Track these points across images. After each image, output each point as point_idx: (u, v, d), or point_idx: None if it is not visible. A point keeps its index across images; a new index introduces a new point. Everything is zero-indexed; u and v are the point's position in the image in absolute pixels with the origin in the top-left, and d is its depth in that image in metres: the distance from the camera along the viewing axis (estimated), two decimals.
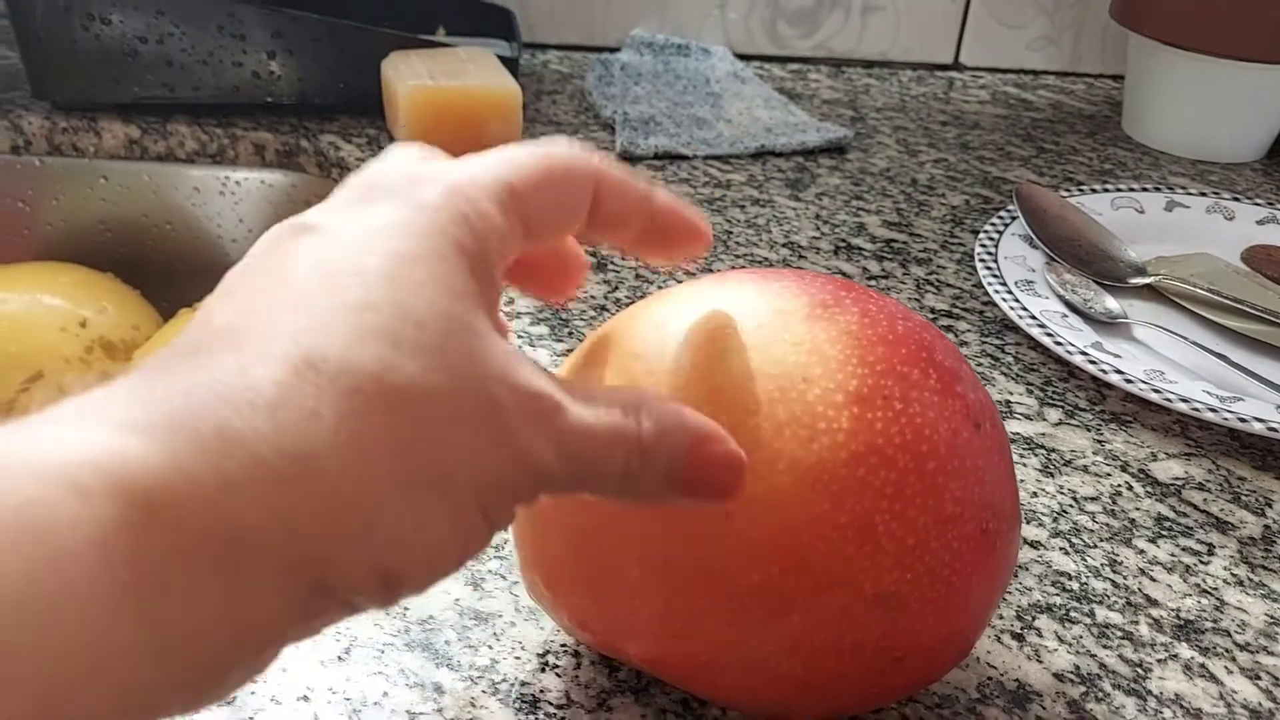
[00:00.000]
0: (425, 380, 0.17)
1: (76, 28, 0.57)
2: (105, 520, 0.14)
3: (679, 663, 0.26)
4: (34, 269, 0.59)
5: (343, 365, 0.17)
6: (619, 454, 0.20)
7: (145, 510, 0.15)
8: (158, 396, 0.16)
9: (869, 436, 0.23)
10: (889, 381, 0.24)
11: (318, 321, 0.17)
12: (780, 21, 0.79)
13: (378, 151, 0.60)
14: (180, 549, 0.15)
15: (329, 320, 0.17)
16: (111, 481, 0.15)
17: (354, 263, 0.18)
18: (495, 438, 0.18)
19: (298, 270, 0.18)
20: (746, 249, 0.53)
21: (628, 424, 0.21)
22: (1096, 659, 0.31)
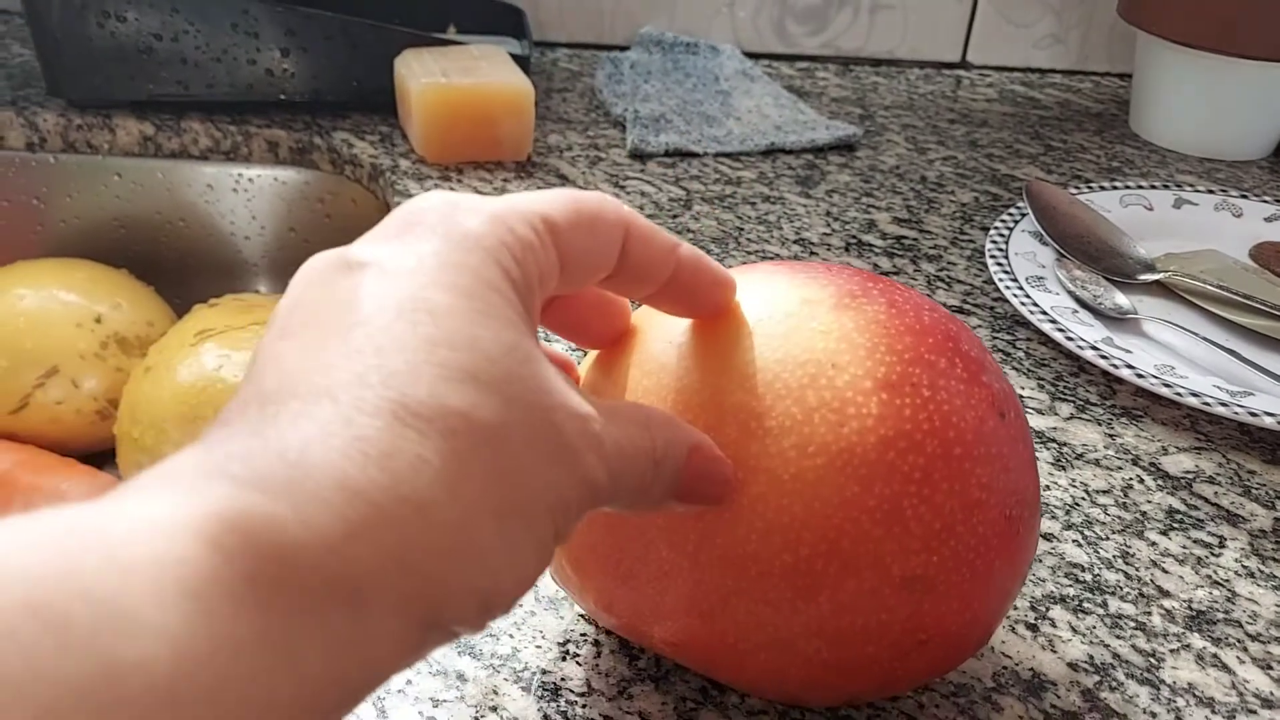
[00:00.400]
0: (505, 414, 0.18)
1: (92, 25, 0.58)
2: (245, 574, 0.15)
3: (705, 644, 0.26)
4: (49, 265, 0.59)
5: (437, 409, 0.18)
6: (642, 468, 0.22)
7: (278, 564, 0.15)
8: (271, 450, 0.17)
9: (897, 422, 0.24)
10: (917, 369, 0.24)
11: (400, 364, 0.18)
12: (789, 20, 0.79)
13: (390, 149, 0.60)
14: (311, 599, 0.16)
15: (411, 361, 0.18)
16: (245, 539, 0.15)
17: (418, 298, 0.19)
18: (562, 461, 0.19)
19: (363, 309, 0.18)
20: (758, 245, 0.54)
21: (645, 438, 0.22)
22: (1110, 649, 0.32)
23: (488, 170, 0.58)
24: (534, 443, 0.19)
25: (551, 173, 0.59)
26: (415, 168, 0.58)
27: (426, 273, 0.19)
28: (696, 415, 0.25)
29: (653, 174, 0.60)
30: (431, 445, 0.17)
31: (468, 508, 0.18)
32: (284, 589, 0.15)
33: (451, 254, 0.19)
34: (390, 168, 0.58)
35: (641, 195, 0.58)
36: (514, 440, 0.18)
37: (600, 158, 0.61)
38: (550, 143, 0.63)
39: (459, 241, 0.20)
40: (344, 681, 0.17)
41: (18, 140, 0.62)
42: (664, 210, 0.56)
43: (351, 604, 0.16)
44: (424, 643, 0.18)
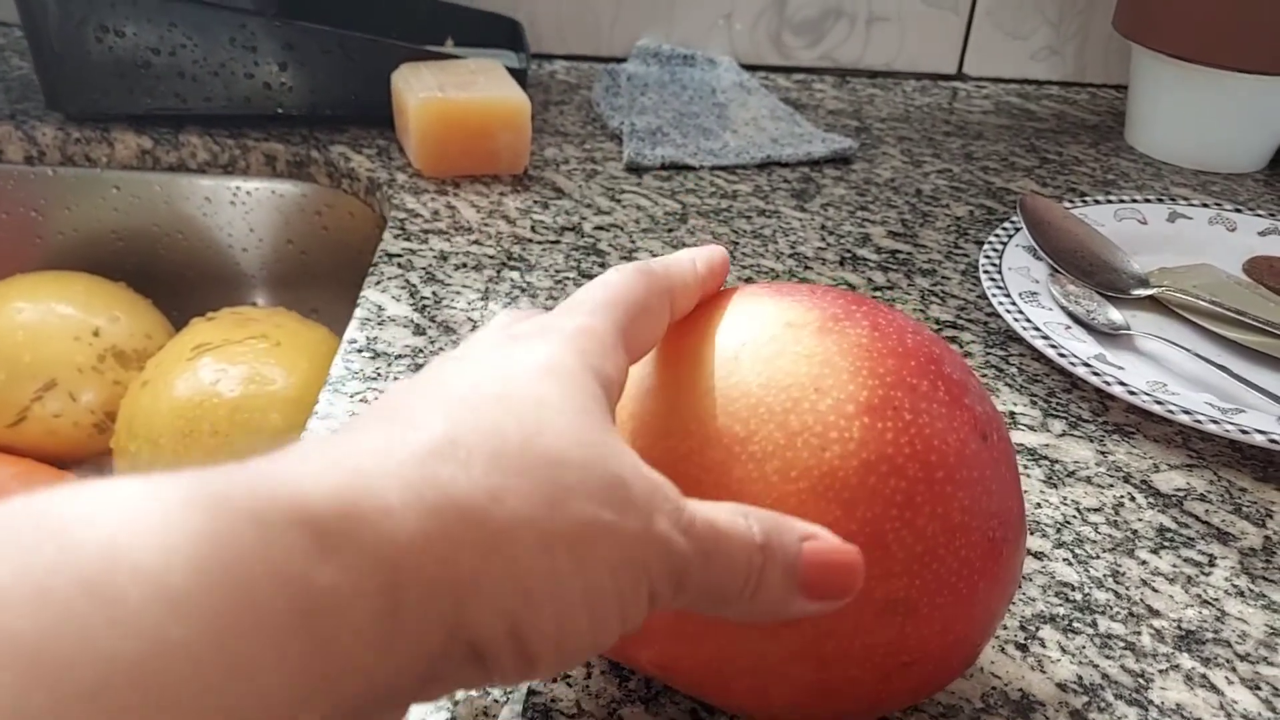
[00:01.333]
0: (560, 446, 0.20)
1: (90, 40, 0.58)
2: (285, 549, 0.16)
3: (691, 668, 0.26)
4: (47, 278, 0.59)
5: (486, 434, 0.19)
6: (743, 554, 0.21)
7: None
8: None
9: (879, 446, 0.24)
10: (899, 393, 0.24)
11: (467, 407, 0.20)
12: (785, 32, 0.80)
13: (388, 162, 0.60)
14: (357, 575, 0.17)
15: (477, 406, 0.20)
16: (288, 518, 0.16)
17: (500, 380, 0.21)
18: (627, 512, 0.20)
19: (454, 385, 0.21)
20: (753, 259, 0.54)
21: (741, 523, 0.22)
22: (1099, 669, 0.32)
23: (484, 184, 0.59)
24: (590, 484, 0.20)
25: (548, 186, 0.59)
26: (412, 181, 0.58)
27: (511, 365, 0.22)
28: (680, 439, 0.25)
29: (649, 187, 0.60)
30: (478, 461, 0.19)
31: (509, 515, 0.18)
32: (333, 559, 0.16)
33: (548, 353, 0.22)
34: (387, 181, 0.58)
35: (637, 209, 0.58)
36: (568, 475, 0.19)
37: (597, 171, 0.62)
38: (547, 156, 0.63)
39: (556, 346, 0.22)
40: (368, 676, 0.17)
41: (16, 153, 0.62)
42: (659, 224, 0.56)
43: (387, 591, 0.17)
44: (448, 655, 0.18)
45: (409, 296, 0.48)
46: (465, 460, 0.19)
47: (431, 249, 0.52)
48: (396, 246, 0.52)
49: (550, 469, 0.19)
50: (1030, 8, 0.80)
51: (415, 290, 0.49)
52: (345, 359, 0.43)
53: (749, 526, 0.22)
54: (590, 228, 0.55)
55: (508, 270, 0.51)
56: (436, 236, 0.53)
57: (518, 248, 0.53)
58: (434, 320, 0.46)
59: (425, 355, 0.44)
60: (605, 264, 0.52)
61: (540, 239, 0.54)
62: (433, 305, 0.47)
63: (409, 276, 0.50)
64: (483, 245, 0.53)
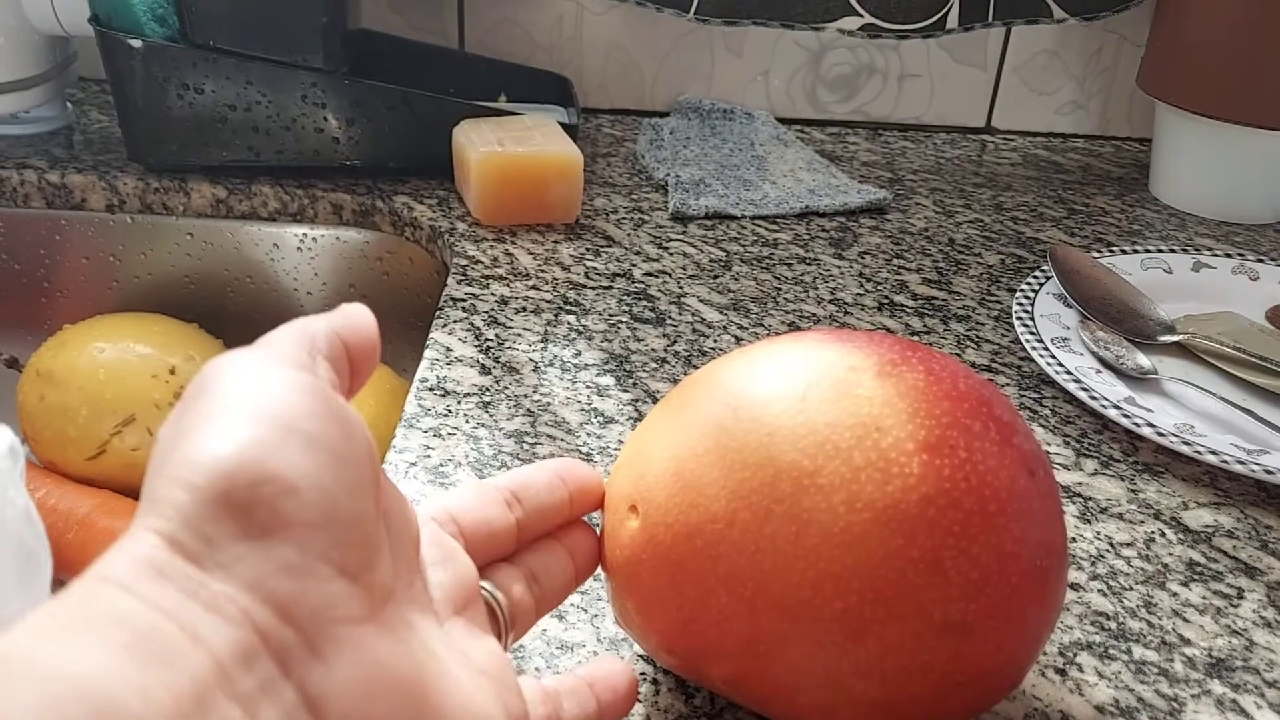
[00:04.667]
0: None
1: (172, 96, 0.62)
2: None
3: (761, 684, 0.29)
4: (126, 320, 0.63)
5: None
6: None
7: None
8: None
9: (937, 481, 0.26)
10: (954, 433, 0.27)
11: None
12: (820, 88, 0.83)
13: (448, 211, 0.64)
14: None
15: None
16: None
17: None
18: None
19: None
20: (795, 305, 0.57)
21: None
22: (1134, 693, 0.34)
23: (539, 232, 0.62)
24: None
25: (599, 234, 0.62)
26: (471, 229, 0.62)
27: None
28: (754, 472, 0.28)
29: (694, 236, 0.64)
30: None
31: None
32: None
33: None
34: (448, 230, 0.62)
35: (684, 256, 0.61)
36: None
37: (644, 220, 0.65)
38: (597, 205, 0.66)
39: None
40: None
41: (99, 202, 0.66)
42: (705, 270, 0.59)
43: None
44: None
45: (474, 338, 0.51)
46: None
47: (492, 294, 0.55)
48: (460, 291, 0.55)
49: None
50: (1056, 64, 0.84)
51: (479, 332, 0.52)
52: (418, 397, 0.46)
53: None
54: (640, 274, 0.59)
55: (564, 314, 0.54)
56: (497, 282, 0.56)
57: (573, 293, 0.56)
58: (498, 361, 0.49)
59: (491, 394, 0.47)
60: (655, 308, 0.55)
61: (593, 284, 0.57)
62: (496, 347, 0.50)
63: (473, 320, 0.53)
64: (540, 290, 0.56)
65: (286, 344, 0.23)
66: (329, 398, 0.22)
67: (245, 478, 0.19)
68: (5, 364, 0.67)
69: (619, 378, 0.49)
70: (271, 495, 0.19)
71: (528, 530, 0.30)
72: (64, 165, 0.67)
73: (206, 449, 0.19)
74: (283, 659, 0.19)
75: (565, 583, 0.31)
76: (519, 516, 0.30)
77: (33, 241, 0.67)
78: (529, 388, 0.48)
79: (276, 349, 0.22)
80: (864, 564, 0.26)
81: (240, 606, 0.19)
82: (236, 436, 0.20)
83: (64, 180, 0.66)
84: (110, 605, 0.18)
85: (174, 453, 0.20)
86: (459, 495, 0.30)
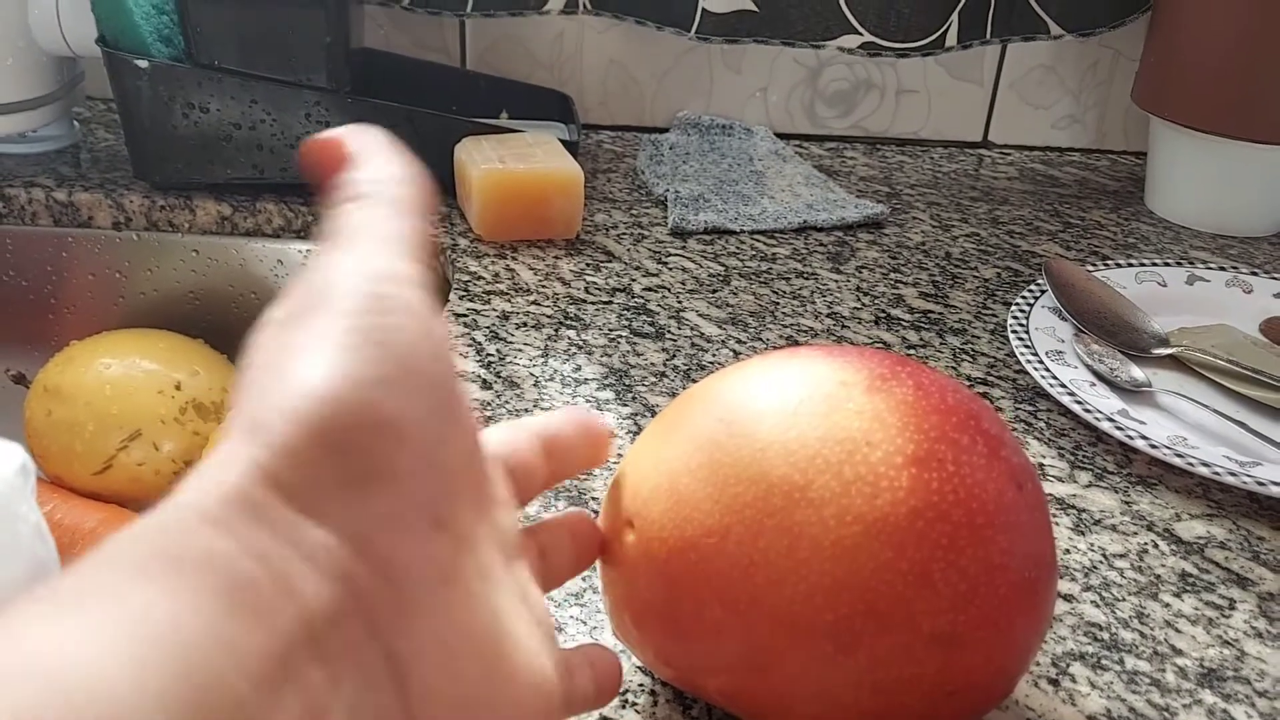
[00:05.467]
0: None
1: (178, 115, 0.63)
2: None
3: (755, 695, 0.29)
4: (132, 336, 0.64)
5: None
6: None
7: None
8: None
9: (926, 494, 0.27)
10: (942, 446, 0.28)
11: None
12: (818, 103, 0.84)
13: (450, 228, 0.65)
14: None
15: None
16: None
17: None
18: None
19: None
20: (793, 319, 0.57)
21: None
22: (1126, 703, 0.34)
23: (540, 248, 0.63)
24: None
25: (599, 249, 0.63)
26: (473, 245, 0.63)
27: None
28: (746, 487, 0.28)
29: (693, 251, 0.64)
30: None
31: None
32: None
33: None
34: (450, 245, 0.63)
35: (683, 271, 0.62)
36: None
37: (644, 235, 0.66)
38: (597, 221, 0.67)
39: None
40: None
41: (105, 220, 0.67)
42: (704, 285, 0.60)
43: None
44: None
45: (475, 354, 0.52)
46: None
47: (494, 309, 0.56)
48: (462, 307, 0.56)
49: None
50: (1052, 79, 0.84)
51: (481, 348, 0.52)
52: None
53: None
54: (640, 289, 0.59)
55: (565, 329, 0.54)
56: (498, 297, 0.57)
57: (573, 308, 0.57)
58: (499, 376, 0.50)
59: (493, 408, 0.47)
60: (654, 323, 0.56)
61: (594, 299, 0.58)
62: (498, 362, 0.51)
63: (475, 335, 0.53)
64: (541, 305, 0.57)
65: (392, 250, 0.21)
66: (444, 325, 0.20)
67: (358, 418, 0.18)
68: (13, 380, 0.68)
69: (619, 392, 0.50)
70: (383, 441, 0.18)
71: (548, 481, 0.30)
72: (71, 183, 0.68)
73: (318, 380, 0.18)
74: (371, 619, 0.18)
75: (567, 565, 0.30)
76: (550, 468, 0.29)
77: (40, 259, 0.68)
78: (530, 402, 0.48)
79: (383, 258, 0.20)
80: (854, 576, 0.27)
81: (336, 559, 0.17)
82: (351, 371, 0.18)
83: (71, 198, 0.67)
84: (203, 545, 0.16)
85: (280, 376, 0.18)
86: (507, 438, 0.28)
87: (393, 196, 0.22)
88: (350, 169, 0.22)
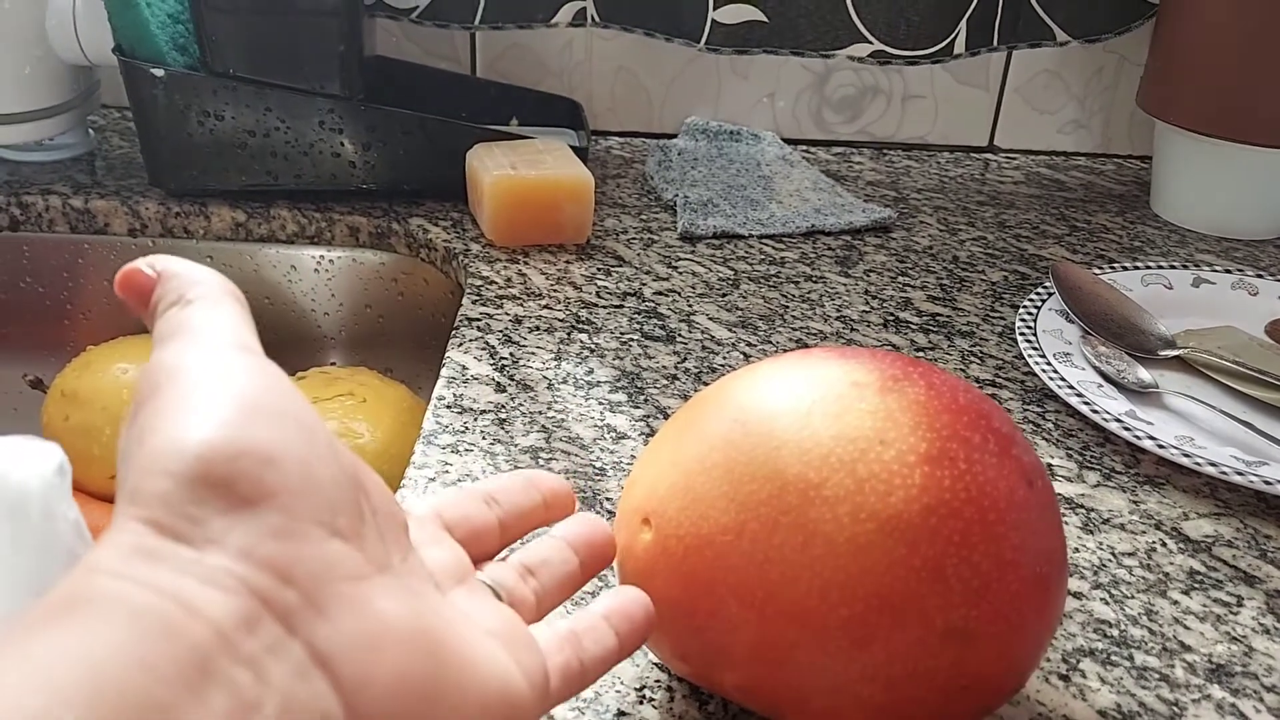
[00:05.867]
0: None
1: (193, 123, 0.64)
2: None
3: (771, 690, 0.30)
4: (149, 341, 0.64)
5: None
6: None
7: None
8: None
9: (938, 492, 0.27)
10: (954, 445, 0.28)
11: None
12: (825, 109, 0.85)
13: (462, 233, 0.65)
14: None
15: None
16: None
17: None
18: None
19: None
20: (802, 322, 0.58)
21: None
22: (1136, 698, 0.35)
23: (551, 253, 0.63)
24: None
25: (609, 254, 0.64)
26: (485, 250, 0.63)
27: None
28: (761, 485, 0.29)
29: (702, 255, 0.65)
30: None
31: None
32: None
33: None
34: (463, 251, 0.63)
35: (693, 275, 0.62)
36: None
37: (653, 240, 0.66)
38: (607, 226, 0.68)
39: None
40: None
41: (121, 226, 0.68)
42: (714, 289, 0.61)
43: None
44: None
45: (489, 357, 0.52)
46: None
47: (507, 313, 0.57)
48: (475, 311, 0.57)
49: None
50: (1057, 84, 0.85)
51: (494, 351, 0.53)
52: (435, 414, 0.47)
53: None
54: (650, 293, 0.60)
55: (577, 332, 0.55)
56: (510, 302, 0.58)
57: (585, 311, 0.57)
58: (513, 379, 0.51)
59: (506, 410, 0.48)
60: (665, 326, 0.56)
61: (605, 303, 0.58)
62: (511, 365, 0.52)
63: (488, 339, 0.54)
64: (553, 309, 0.57)
65: (219, 327, 0.23)
66: (280, 374, 0.22)
67: (222, 455, 0.20)
68: (30, 385, 0.69)
69: (631, 394, 0.50)
70: (251, 467, 0.20)
71: (510, 529, 0.31)
72: (87, 191, 0.68)
73: (179, 435, 0.20)
74: (287, 619, 0.20)
75: (568, 574, 0.30)
76: (499, 515, 0.31)
77: (57, 265, 0.69)
78: (543, 404, 0.49)
79: (212, 334, 0.22)
80: (869, 572, 0.27)
81: (236, 576, 0.19)
82: (206, 420, 0.20)
83: (87, 205, 0.67)
84: (103, 589, 0.18)
85: (144, 446, 0.20)
86: (440, 497, 0.31)
87: (208, 294, 0.24)
88: (161, 284, 0.24)
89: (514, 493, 0.31)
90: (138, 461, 0.20)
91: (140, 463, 0.20)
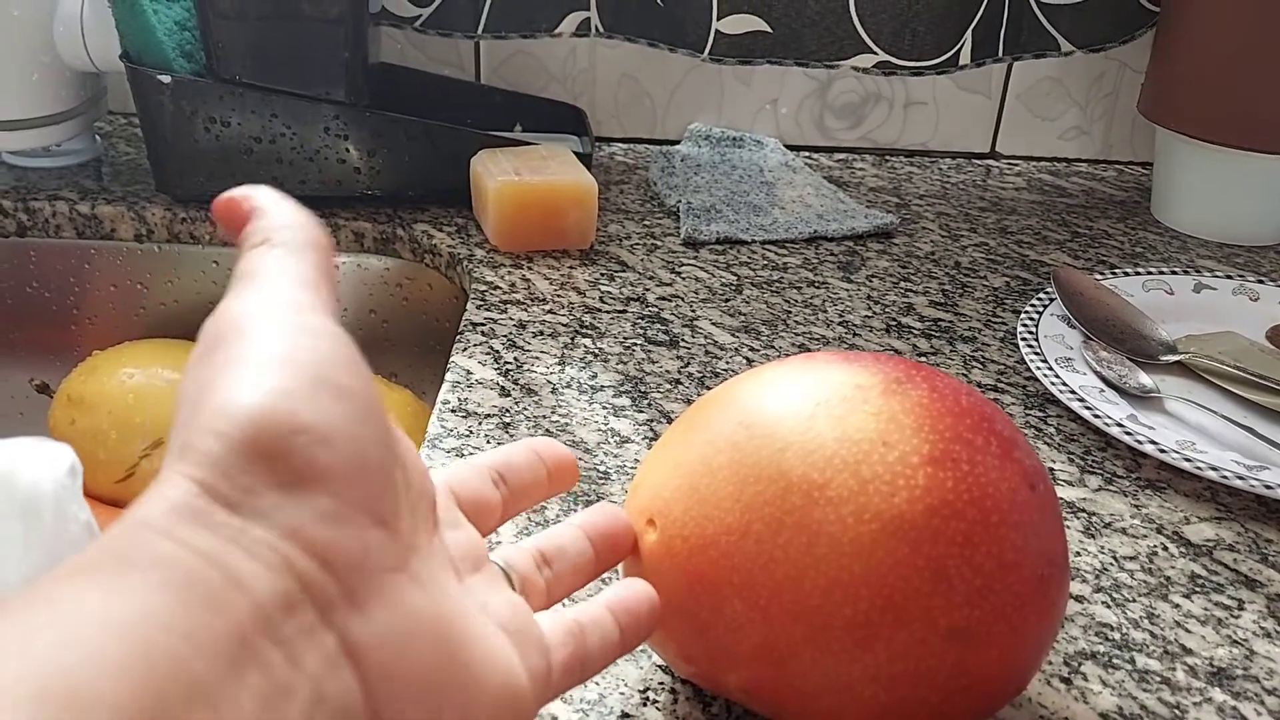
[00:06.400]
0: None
1: (200, 129, 0.64)
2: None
3: (775, 690, 0.30)
4: (154, 345, 0.65)
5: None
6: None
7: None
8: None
9: (941, 493, 0.28)
10: (957, 447, 0.28)
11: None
12: (827, 115, 0.85)
13: (467, 239, 0.66)
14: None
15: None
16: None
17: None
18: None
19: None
20: (805, 328, 0.58)
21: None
22: (1137, 701, 0.35)
23: (555, 258, 0.64)
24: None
25: (613, 260, 0.64)
26: (489, 256, 0.64)
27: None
28: (766, 486, 0.29)
29: (705, 260, 0.65)
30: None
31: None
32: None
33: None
34: (467, 256, 0.64)
35: (696, 280, 0.62)
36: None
37: (657, 245, 0.67)
38: (610, 231, 0.68)
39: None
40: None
41: (127, 232, 0.68)
42: (717, 294, 0.61)
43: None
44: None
45: (494, 361, 0.53)
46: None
47: (511, 318, 0.57)
48: (479, 316, 0.57)
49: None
50: (1058, 91, 0.85)
51: (499, 356, 0.53)
52: (440, 418, 0.48)
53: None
54: (654, 298, 0.60)
55: (581, 337, 0.55)
56: (514, 307, 0.58)
57: (589, 316, 0.58)
58: (517, 383, 0.51)
59: (511, 415, 0.48)
60: (669, 331, 0.56)
61: (609, 308, 0.59)
62: (515, 369, 0.52)
63: (492, 344, 0.54)
64: (556, 314, 0.58)
65: (294, 278, 0.22)
66: (352, 346, 0.22)
67: (279, 427, 0.19)
68: (37, 389, 0.69)
69: (634, 399, 0.50)
70: (305, 445, 0.19)
71: (509, 508, 0.31)
72: (94, 196, 0.69)
73: (237, 399, 0.19)
74: (323, 607, 0.19)
75: (583, 565, 0.30)
76: (504, 495, 0.31)
77: (63, 270, 0.69)
78: (547, 409, 0.49)
79: (286, 287, 0.22)
80: (872, 572, 0.27)
81: (281, 554, 0.19)
82: (267, 386, 0.20)
83: (94, 211, 0.68)
84: (150, 549, 0.18)
85: (203, 403, 0.20)
86: (453, 471, 0.30)
87: (291, 239, 0.24)
88: (254, 220, 0.24)
89: (520, 471, 0.31)
90: (193, 418, 0.20)
91: (196, 420, 0.19)
